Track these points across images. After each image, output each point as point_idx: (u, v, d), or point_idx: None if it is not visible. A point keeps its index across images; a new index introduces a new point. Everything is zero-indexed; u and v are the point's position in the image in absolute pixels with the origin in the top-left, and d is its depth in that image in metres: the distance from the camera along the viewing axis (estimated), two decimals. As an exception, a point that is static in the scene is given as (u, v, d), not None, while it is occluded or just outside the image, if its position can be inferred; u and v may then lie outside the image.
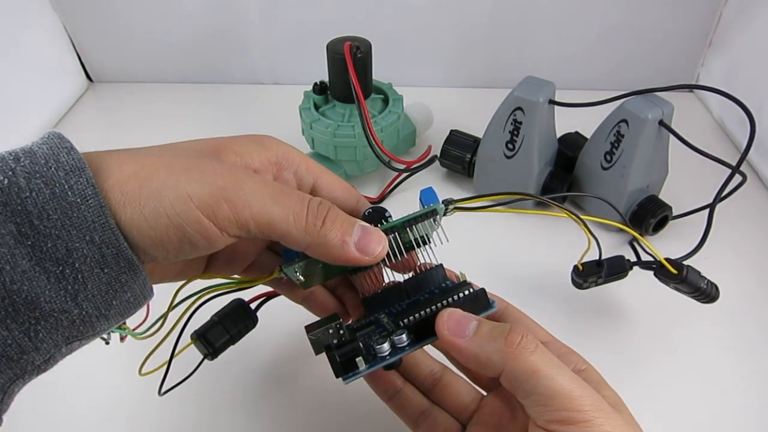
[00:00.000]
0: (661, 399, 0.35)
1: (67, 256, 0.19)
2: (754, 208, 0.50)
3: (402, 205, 0.50)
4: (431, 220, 0.26)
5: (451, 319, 0.24)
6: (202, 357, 0.31)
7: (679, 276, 0.35)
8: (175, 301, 0.27)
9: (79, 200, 0.19)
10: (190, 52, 0.66)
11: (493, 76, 0.66)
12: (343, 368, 0.24)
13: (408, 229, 0.26)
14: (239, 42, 0.65)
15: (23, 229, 0.18)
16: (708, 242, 0.43)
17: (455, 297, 0.25)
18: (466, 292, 0.26)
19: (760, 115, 0.54)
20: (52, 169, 0.19)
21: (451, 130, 0.52)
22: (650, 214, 0.44)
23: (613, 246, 0.46)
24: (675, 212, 0.45)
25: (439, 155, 0.51)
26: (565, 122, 0.49)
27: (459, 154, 0.50)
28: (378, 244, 0.23)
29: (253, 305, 0.32)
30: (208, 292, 0.27)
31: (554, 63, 0.65)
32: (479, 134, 0.49)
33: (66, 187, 0.19)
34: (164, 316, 0.27)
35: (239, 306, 0.31)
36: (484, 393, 0.29)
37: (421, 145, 0.56)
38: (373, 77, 0.49)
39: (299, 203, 0.22)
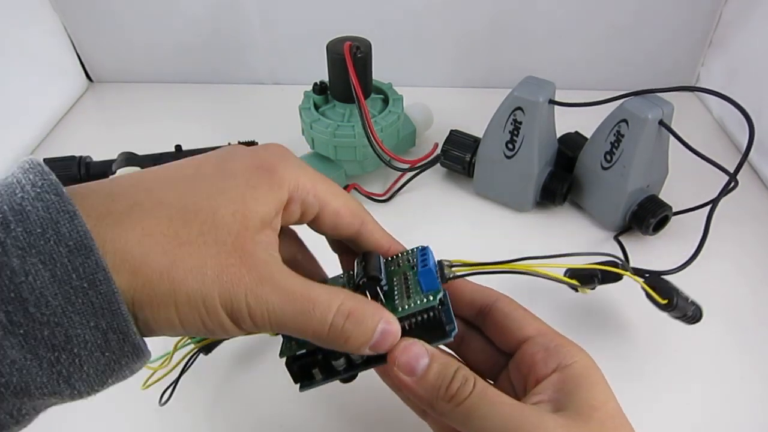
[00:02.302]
0: (660, 399, 0.36)
1: (66, 343, 0.17)
2: (754, 208, 0.50)
3: (408, 207, 0.51)
4: None
5: (402, 355, 0.23)
6: (195, 351, 0.31)
7: (670, 305, 0.35)
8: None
9: (86, 285, 0.17)
10: (190, 52, 0.66)
11: (493, 76, 0.66)
12: (300, 377, 0.25)
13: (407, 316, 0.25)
14: (239, 42, 0.65)
15: (15, 317, 0.16)
16: (709, 241, 0.43)
17: (414, 321, 0.24)
18: (425, 317, 0.24)
19: (759, 115, 0.54)
20: (51, 242, 0.16)
21: (451, 130, 0.52)
22: (650, 214, 0.44)
23: (605, 241, 0.46)
24: (675, 212, 0.46)
25: (438, 155, 0.51)
26: (565, 122, 0.49)
27: (459, 154, 0.50)
28: (395, 344, 0.23)
29: None
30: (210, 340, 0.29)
31: (554, 63, 0.65)
32: (479, 134, 0.49)
33: (70, 268, 0.16)
34: (170, 355, 0.29)
35: None
36: (491, 382, 0.29)
37: (421, 146, 0.56)
38: (373, 77, 0.49)
39: (320, 325, 0.21)
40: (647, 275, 0.40)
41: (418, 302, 0.24)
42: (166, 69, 0.68)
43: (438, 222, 0.49)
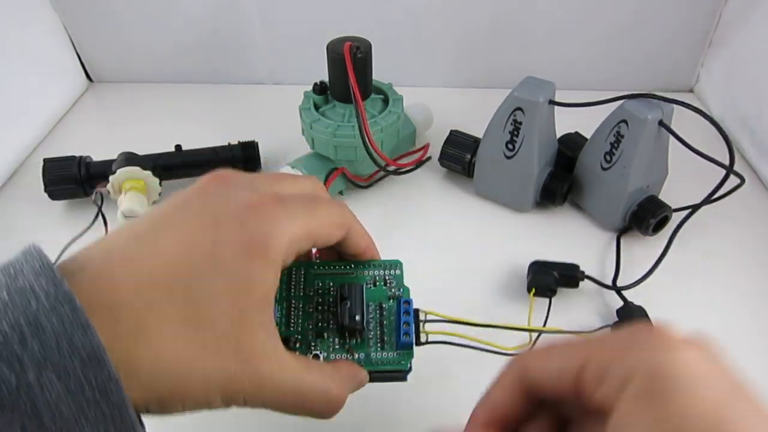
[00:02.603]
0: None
1: None
2: (754, 208, 0.50)
3: (407, 207, 0.51)
4: None
5: None
6: None
7: None
8: None
9: (98, 396, 0.17)
10: (190, 52, 0.66)
11: (493, 77, 0.66)
12: None
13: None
14: (239, 42, 0.65)
15: (31, 429, 0.16)
16: (710, 241, 0.43)
17: (382, 371, 0.26)
18: (393, 371, 0.27)
19: (760, 115, 0.54)
20: (66, 354, 0.17)
21: (451, 131, 0.52)
22: (650, 215, 0.44)
23: (605, 241, 0.46)
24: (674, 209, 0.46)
25: (439, 155, 0.52)
26: (565, 122, 0.49)
27: (459, 154, 0.50)
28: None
29: None
30: None
31: (554, 63, 0.65)
32: (479, 134, 0.49)
33: (83, 380, 0.17)
34: None
35: None
36: None
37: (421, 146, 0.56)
38: (373, 77, 0.49)
39: (309, 412, 0.24)
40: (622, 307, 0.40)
41: (393, 362, 0.26)
42: (166, 69, 0.68)
43: (438, 222, 0.49)
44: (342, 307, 0.27)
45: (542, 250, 0.46)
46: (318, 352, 0.26)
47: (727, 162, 0.42)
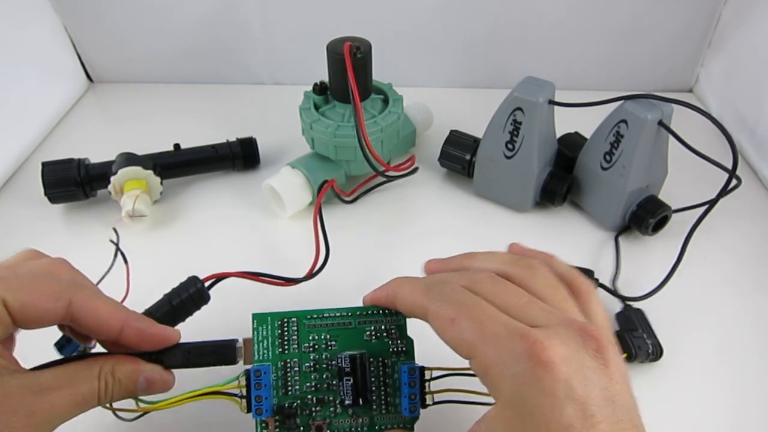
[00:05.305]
0: (650, 402, 0.36)
1: None
2: (754, 209, 0.50)
3: (407, 207, 0.51)
4: None
5: None
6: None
7: (629, 358, 0.36)
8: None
9: None
10: (191, 52, 0.66)
11: (493, 77, 0.66)
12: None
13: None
14: (239, 42, 0.65)
15: None
16: (709, 241, 0.43)
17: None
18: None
19: (759, 116, 0.54)
20: None
21: (451, 130, 0.52)
22: (650, 215, 0.44)
23: (605, 241, 0.46)
24: (674, 210, 0.46)
25: (439, 155, 0.52)
26: (565, 122, 0.49)
27: (459, 154, 0.50)
28: None
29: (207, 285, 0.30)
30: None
31: (554, 63, 0.65)
32: (479, 134, 0.49)
33: None
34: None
35: (189, 281, 0.29)
36: None
37: (421, 145, 0.56)
38: (373, 77, 0.49)
39: None
40: (622, 307, 0.40)
41: (397, 425, 0.26)
42: (166, 69, 0.68)
43: (437, 222, 0.49)
44: (344, 384, 0.25)
45: (542, 250, 0.46)
46: (321, 422, 0.25)
47: (724, 161, 0.42)
